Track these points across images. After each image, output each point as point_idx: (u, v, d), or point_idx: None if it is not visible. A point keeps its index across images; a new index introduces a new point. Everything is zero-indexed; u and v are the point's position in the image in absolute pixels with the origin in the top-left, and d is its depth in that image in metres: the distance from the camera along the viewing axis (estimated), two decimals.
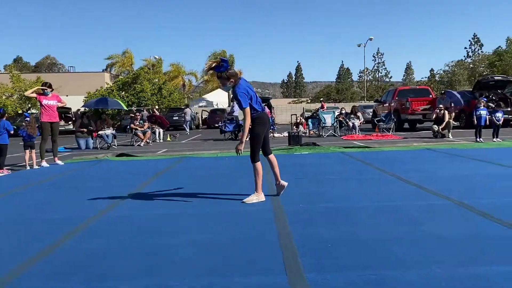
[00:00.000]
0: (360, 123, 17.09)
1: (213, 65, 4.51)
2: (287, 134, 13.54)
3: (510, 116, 17.04)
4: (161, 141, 15.98)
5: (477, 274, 2.48)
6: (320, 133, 16.17)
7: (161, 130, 16.31)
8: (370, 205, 4.37)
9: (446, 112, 13.46)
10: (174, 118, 25.75)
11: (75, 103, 27.19)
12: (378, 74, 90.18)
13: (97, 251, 3.13)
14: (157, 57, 38.95)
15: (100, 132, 13.40)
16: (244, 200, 4.61)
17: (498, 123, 11.26)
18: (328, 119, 16.08)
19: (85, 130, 13.46)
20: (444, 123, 13.36)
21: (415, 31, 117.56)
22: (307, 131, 17.21)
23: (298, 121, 18.11)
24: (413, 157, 8.43)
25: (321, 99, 35.50)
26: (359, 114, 17.96)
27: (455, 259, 2.75)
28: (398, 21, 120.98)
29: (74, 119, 23.13)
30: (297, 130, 15.44)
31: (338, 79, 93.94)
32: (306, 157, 9.10)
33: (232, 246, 3.17)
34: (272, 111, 19.59)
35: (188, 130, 23.11)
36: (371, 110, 23.39)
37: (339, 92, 56.79)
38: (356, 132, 16.02)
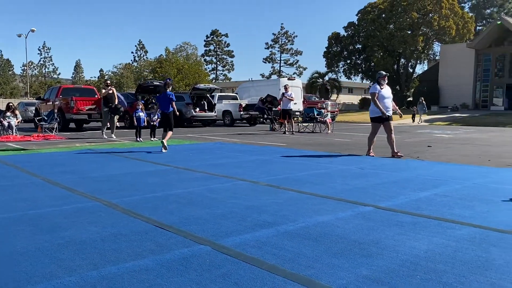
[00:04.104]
0: (18, 122, 15.31)
1: None
2: None
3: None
4: None
5: (107, 275, 2.51)
6: None
7: None
8: (7, 216, 3.85)
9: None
10: None
11: None
12: (45, 69, 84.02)
13: None
14: None
15: None
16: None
17: (153, 123, 12.48)
18: None
19: None
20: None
21: (85, 29, 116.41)
22: None
23: None
24: (72, 159, 8.16)
25: None
26: (16, 112, 16.06)
27: (90, 262, 2.72)
28: (66, 16, 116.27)
29: None
30: None
31: None
32: None
33: None
34: None
35: None
36: (34, 108, 21.44)
37: None
38: (13, 132, 14.24)
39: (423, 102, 29.40)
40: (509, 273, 2.55)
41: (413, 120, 25.93)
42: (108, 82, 14.69)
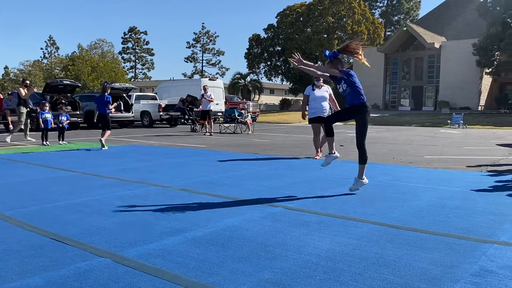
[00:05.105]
0: None
1: None
2: None
3: (79, 119, 18.20)
4: None
5: None
6: None
7: None
8: None
9: (8, 111, 12.81)
10: None
11: None
12: None
13: None
14: None
15: None
16: None
17: (62, 125, 11.68)
18: None
19: None
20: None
21: None
22: None
23: None
24: None
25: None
26: None
27: None
28: None
29: None
30: None
31: None
32: None
33: None
34: None
35: None
36: None
37: None
38: None
39: None
40: (399, 268, 2.72)
41: None
42: (27, 82, 13.41)
